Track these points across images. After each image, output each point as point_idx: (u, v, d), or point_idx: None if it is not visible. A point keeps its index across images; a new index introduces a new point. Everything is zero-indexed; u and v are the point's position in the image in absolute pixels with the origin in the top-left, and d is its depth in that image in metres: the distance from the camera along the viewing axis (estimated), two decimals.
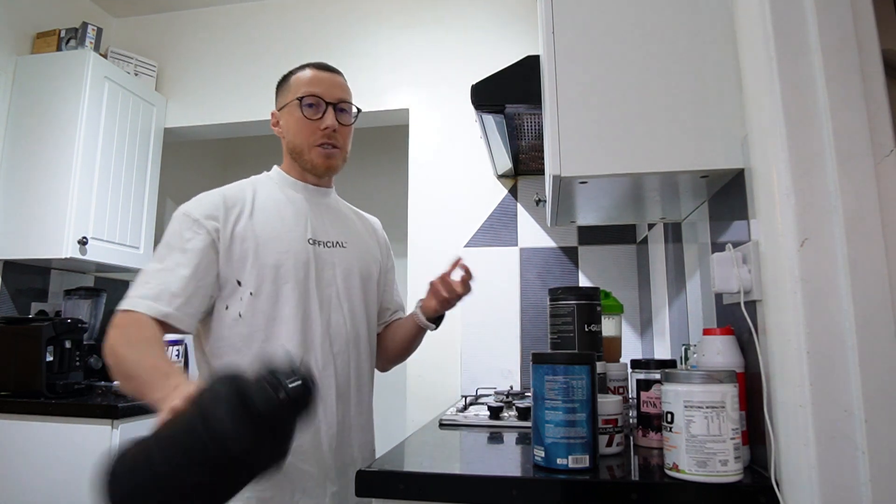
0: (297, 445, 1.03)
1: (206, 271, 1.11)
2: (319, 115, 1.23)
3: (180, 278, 1.08)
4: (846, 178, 0.77)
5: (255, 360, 1.08)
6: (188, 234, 1.12)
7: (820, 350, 0.76)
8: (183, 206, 1.17)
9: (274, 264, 1.15)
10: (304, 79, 1.26)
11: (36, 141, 2.30)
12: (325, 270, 1.22)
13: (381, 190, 3.46)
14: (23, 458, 1.90)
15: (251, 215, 1.18)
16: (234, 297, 1.14)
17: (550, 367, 0.94)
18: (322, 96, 1.23)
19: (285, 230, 1.19)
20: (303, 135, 1.24)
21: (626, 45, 1.06)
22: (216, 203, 1.16)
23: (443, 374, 2.27)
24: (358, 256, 1.29)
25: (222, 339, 1.14)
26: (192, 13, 2.84)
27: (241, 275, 1.14)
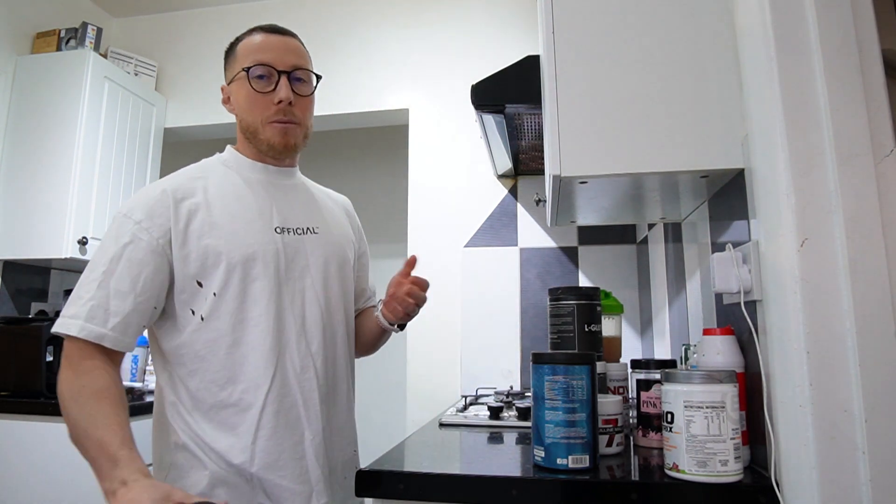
0: (274, 460, 1.01)
1: (147, 283, 0.98)
2: (272, 87, 1.07)
3: (116, 293, 0.96)
4: (846, 178, 0.77)
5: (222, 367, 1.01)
6: (126, 238, 0.99)
7: (820, 350, 0.76)
8: (122, 205, 1.04)
9: (239, 260, 1.02)
10: (252, 45, 1.10)
11: (36, 141, 2.30)
12: (297, 261, 1.09)
13: (381, 190, 3.46)
14: (23, 458, 1.90)
15: (207, 207, 1.04)
16: (197, 300, 1.02)
17: (550, 367, 0.94)
18: (273, 64, 1.08)
19: (248, 220, 1.06)
20: (255, 111, 1.08)
21: (626, 45, 1.06)
22: (162, 199, 1.02)
23: (443, 374, 2.27)
24: (332, 241, 1.16)
25: (184, 345, 1.02)
26: (192, 13, 2.84)
27: (202, 275, 1.01)
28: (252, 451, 1.00)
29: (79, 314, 0.94)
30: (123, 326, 0.96)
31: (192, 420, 1.01)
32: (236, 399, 1.01)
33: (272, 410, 1.02)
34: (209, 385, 1.01)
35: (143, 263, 0.98)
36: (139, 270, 0.98)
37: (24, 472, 1.89)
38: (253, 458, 0.99)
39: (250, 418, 1.01)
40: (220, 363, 1.01)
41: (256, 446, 1.00)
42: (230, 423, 1.00)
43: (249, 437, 1.00)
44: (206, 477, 0.98)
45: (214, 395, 1.01)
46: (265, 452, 1.00)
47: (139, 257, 0.98)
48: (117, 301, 0.96)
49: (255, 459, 0.99)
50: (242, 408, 1.01)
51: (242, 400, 1.01)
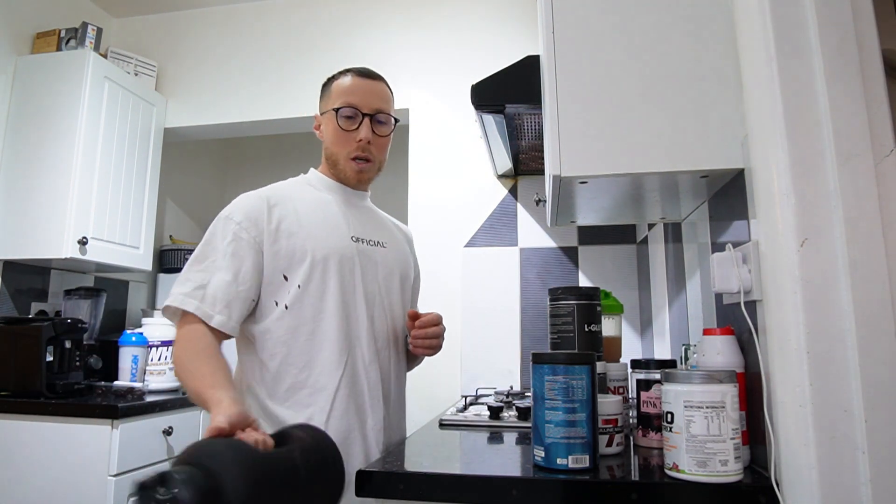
0: (345, 438, 1.12)
1: (246, 276, 1.12)
2: (355, 127, 1.23)
3: (221, 282, 1.10)
4: (846, 178, 0.77)
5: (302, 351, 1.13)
6: (230, 237, 1.13)
7: (820, 350, 0.76)
8: (225, 209, 1.19)
9: (321, 258, 1.16)
10: (344, 87, 1.26)
11: (36, 141, 2.30)
12: (369, 267, 1.23)
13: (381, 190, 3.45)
14: (23, 458, 1.90)
15: (296, 212, 1.19)
16: (281, 292, 1.15)
17: (550, 367, 0.94)
18: (359, 107, 1.24)
19: (330, 226, 1.21)
20: (338, 145, 1.25)
21: (626, 45, 1.06)
22: (258, 204, 1.18)
23: (443, 374, 2.27)
24: (396, 258, 1.32)
25: (269, 331, 1.15)
26: (192, 13, 2.84)
27: (288, 269, 1.15)
28: (326, 427, 1.10)
29: (193, 295, 1.10)
30: (228, 311, 1.10)
31: (268, 401, 1.14)
32: (313, 381, 1.14)
33: (345, 393, 1.15)
34: (289, 367, 1.14)
35: (243, 258, 1.13)
36: (240, 264, 1.13)
37: (25, 472, 1.89)
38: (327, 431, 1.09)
39: (325, 398, 1.13)
40: (300, 348, 1.14)
41: (330, 424, 1.12)
42: (305, 402, 1.13)
43: (324, 415, 1.12)
44: None
45: (294, 376, 1.14)
46: (337, 430, 1.11)
47: (240, 253, 1.13)
48: (222, 289, 1.10)
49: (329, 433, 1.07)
50: (318, 388, 1.13)
51: (318, 381, 1.14)
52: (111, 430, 1.85)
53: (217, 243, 1.14)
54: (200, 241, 1.17)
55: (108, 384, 2.33)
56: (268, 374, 1.15)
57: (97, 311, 2.46)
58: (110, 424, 1.86)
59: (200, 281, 1.11)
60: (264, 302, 1.16)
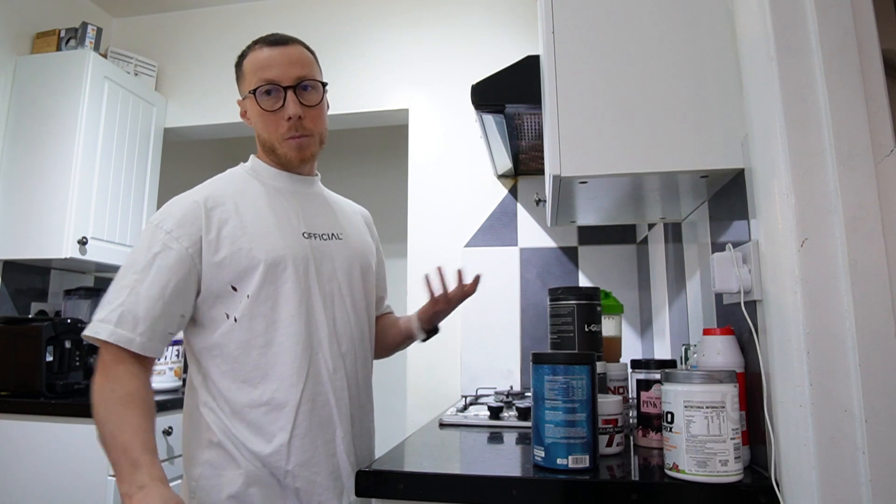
0: (309, 458, 1.05)
1: (176, 291, 1.01)
2: (280, 104, 1.10)
3: (146, 299, 0.99)
4: (846, 178, 0.77)
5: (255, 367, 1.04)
6: (157, 247, 1.02)
7: (820, 350, 0.76)
8: (155, 215, 1.07)
9: (271, 263, 1.05)
10: (257, 62, 1.12)
11: (36, 141, 2.30)
12: (325, 265, 1.13)
13: (381, 190, 3.46)
14: (23, 458, 1.90)
15: (238, 213, 1.07)
16: (232, 304, 1.05)
17: (550, 367, 0.94)
18: (278, 81, 1.10)
19: (278, 225, 1.09)
20: (268, 128, 1.12)
21: (626, 45, 1.06)
22: (194, 210, 1.05)
23: (443, 374, 2.27)
24: (355, 248, 1.21)
25: (218, 346, 1.05)
26: (192, 13, 2.84)
27: (237, 279, 1.04)
28: (288, 449, 1.03)
29: (109, 319, 0.98)
30: (151, 332, 0.99)
31: (226, 419, 1.04)
32: (268, 398, 1.04)
33: (307, 409, 1.06)
34: (241, 385, 1.04)
35: (172, 271, 1.01)
36: (168, 278, 1.01)
37: (25, 472, 1.89)
38: (289, 456, 1.03)
39: (285, 416, 1.04)
40: (252, 363, 1.04)
41: (292, 444, 1.04)
42: (262, 421, 1.04)
43: (286, 434, 1.03)
44: (241, 476, 1.02)
45: (247, 393, 1.04)
46: (301, 450, 1.04)
47: (169, 265, 1.01)
48: (146, 306, 0.99)
49: (291, 457, 1.03)
50: (275, 406, 1.04)
51: (274, 399, 1.04)
52: None
53: (140, 256, 1.02)
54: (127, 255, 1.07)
55: None
56: (220, 392, 1.05)
57: None
58: None
59: (119, 300, 0.99)
60: (213, 315, 1.06)
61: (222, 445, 1.03)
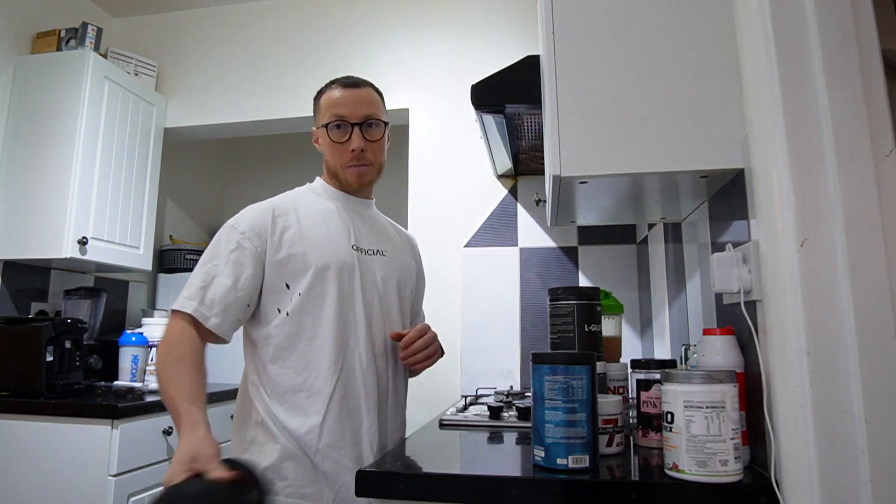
0: (338, 440, 1.17)
1: (245, 283, 1.17)
2: (346, 138, 1.28)
3: (221, 287, 1.16)
4: (846, 178, 0.77)
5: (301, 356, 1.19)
6: (232, 245, 1.19)
7: (820, 350, 0.76)
8: (232, 218, 1.25)
9: (322, 267, 1.21)
10: (331, 100, 1.30)
11: (36, 141, 2.30)
12: (368, 275, 1.27)
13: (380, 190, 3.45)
14: (23, 458, 1.89)
15: (299, 222, 1.24)
16: (283, 300, 1.20)
17: (550, 367, 0.94)
18: (347, 118, 1.27)
19: (331, 236, 1.25)
20: (334, 157, 1.30)
21: (626, 45, 1.06)
22: (263, 215, 1.23)
23: (443, 374, 2.27)
24: (396, 266, 1.35)
25: (271, 336, 1.20)
26: (192, 13, 2.84)
27: (290, 279, 1.20)
28: (320, 429, 1.16)
29: (193, 297, 1.15)
30: (223, 315, 1.15)
31: (270, 402, 1.18)
32: (310, 384, 1.18)
33: (339, 397, 1.19)
34: (288, 371, 1.19)
35: (244, 266, 1.18)
36: (240, 271, 1.18)
37: (25, 472, 1.89)
38: (320, 436, 1.16)
39: (321, 401, 1.17)
40: (299, 353, 1.19)
41: (324, 426, 1.16)
42: (302, 404, 1.17)
43: (319, 417, 1.17)
44: (278, 450, 1.15)
45: (292, 378, 1.18)
46: (331, 432, 1.17)
47: (242, 261, 1.18)
48: (221, 293, 1.16)
49: (323, 437, 1.16)
50: (314, 392, 1.18)
51: (314, 385, 1.18)
52: (111, 430, 1.85)
53: (220, 250, 1.20)
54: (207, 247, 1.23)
55: (108, 384, 2.33)
56: (269, 376, 1.20)
57: (97, 311, 2.46)
58: (110, 424, 1.86)
59: (201, 283, 1.16)
60: (267, 309, 1.21)
61: (265, 424, 1.17)
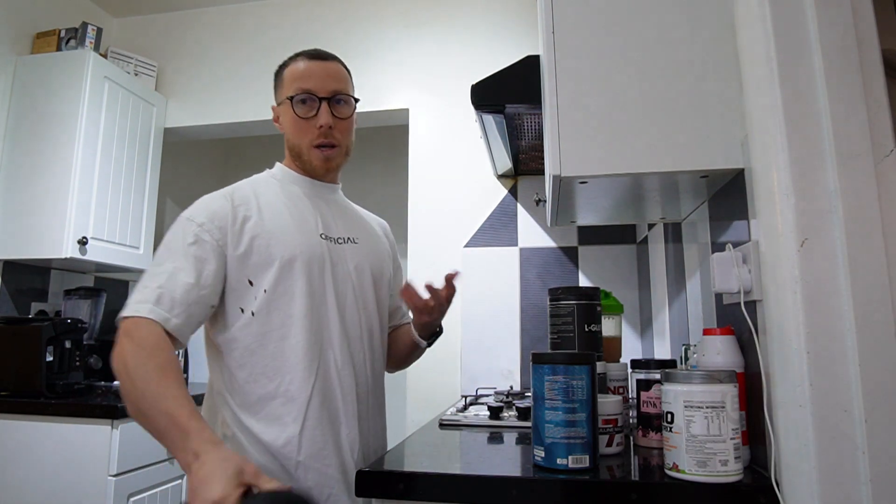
0: (320, 449, 1.08)
1: (208, 280, 1.05)
2: (313, 113, 1.17)
3: (182, 285, 1.02)
4: (846, 178, 0.77)
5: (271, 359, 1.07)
6: (191, 238, 1.06)
7: (820, 350, 0.76)
8: (186, 210, 1.12)
9: (288, 260, 1.10)
10: (296, 73, 1.20)
11: (36, 141, 2.30)
12: (340, 266, 1.18)
13: (381, 190, 3.46)
14: (23, 458, 1.90)
15: (259, 212, 1.13)
16: (247, 298, 1.09)
17: (550, 367, 0.94)
18: (314, 91, 1.17)
19: (296, 225, 1.15)
20: (299, 135, 1.19)
21: (626, 45, 1.06)
22: (222, 204, 1.12)
23: (443, 374, 2.27)
24: (369, 253, 1.25)
25: (236, 340, 1.09)
26: (192, 13, 2.84)
27: (254, 274, 1.09)
28: (300, 439, 1.06)
29: (147, 299, 1.00)
30: (186, 316, 1.02)
31: (240, 412, 1.08)
32: (284, 389, 1.07)
33: (317, 402, 1.09)
34: (258, 377, 1.08)
35: (206, 261, 1.06)
36: (202, 267, 1.05)
37: (25, 472, 1.89)
38: (300, 447, 1.06)
39: (297, 409, 1.07)
40: (269, 355, 1.08)
41: (303, 435, 1.07)
42: (277, 413, 1.07)
43: (297, 426, 1.06)
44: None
45: (263, 385, 1.08)
46: (311, 441, 1.07)
47: (203, 255, 1.06)
48: (182, 292, 1.02)
49: (302, 448, 1.06)
50: (289, 398, 1.07)
51: (288, 391, 1.08)
52: (111, 430, 1.85)
53: (177, 245, 1.06)
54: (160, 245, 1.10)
55: (108, 384, 2.33)
56: (237, 384, 1.08)
57: (97, 311, 2.46)
58: (110, 424, 1.86)
59: (157, 283, 1.02)
60: (229, 309, 1.10)
61: (235, 438, 1.07)
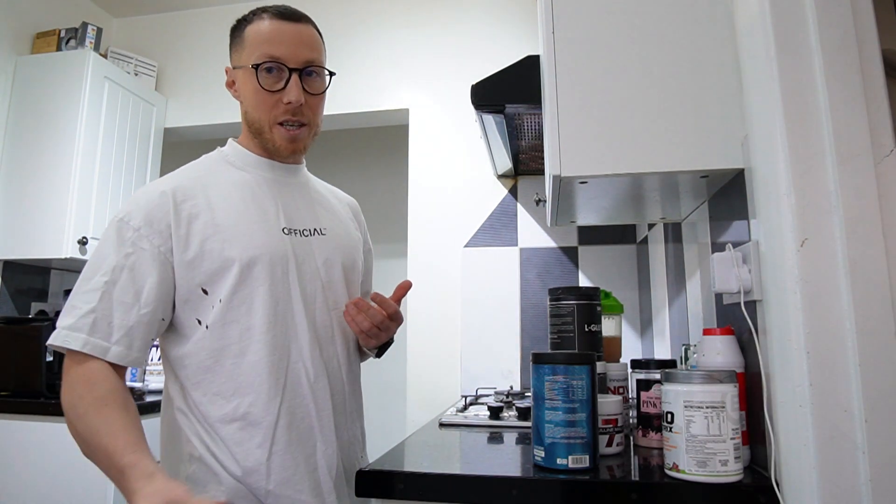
0: (290, 475, 0.95)
1: (152, 294, 0.92)
2: (281, 86, 1.00)
3: (120, 305, 0.89)
4: (846, 178, 0.77)
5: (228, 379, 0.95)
6: (128, 247, 0.92)
7: (820, 350, 0.76)
8: (119, 209, 0.96)
9: (247, 263, 0.95)
10: (263, 34, 1.01)
11: (36, 141, 2.30)
12: (307, 263, 1.03)
13: (381, 190, 3.46)
14: (23, 458, 1.90)
15: (210, 208, 0.97)
16: (201, 309, 0.95)
17: (550, 367, 0.94)
18: (284, 60, 1.00)
19: (255, 220, 0.99)
20: (262, 108, 1.02)
21: (626, 45, 1.05)
22: (161, 203, 0.95)
23: (443, 374, 2.27)
24: (339, 244, 1.10)
25: (189, 355, 0.95)
26: (192, 13, 2.84)
27: (207, 282, 0.95)
28: (268, 467, 0.94)
29: (80, 327, 0.88)
30: (128, 340, 0.90)
31: (202, 434, 0.95)
32: (243, 412, 0.95)
33: (285, 423, 0.96)
34: (214, 397, 0.95)
35: (146, 273, 0.92)
36: (143, 281, 0.92)
37: (24, 472, 1.89)
38: (269, 475, 0.94)
39: (262, 433, 0.95)
40: (226, 374, 0.95)
41: (272, 462, 0.94)
42: (237, 438, 0.94)
43: (264, 452, 0.94)
44: (223, 493, 0.92)
45: (221, 407, 0.95)
46: (281, 468, 0.95)
47: (142, 267, 0.92)
48: (120, 313, 0.90)
49: (272, 476, 0.94)
50: (251, 422, 0.95)
51: (250, 413, 0.95)
52: None
53: (109, 255, 0.92)
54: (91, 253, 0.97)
55: None
56: (194, 403, 0.96)
57: None
58: None
59: (90, 306, 0.89)
60: (184, 321, 0.96)
61: (203, 460, 0.94)
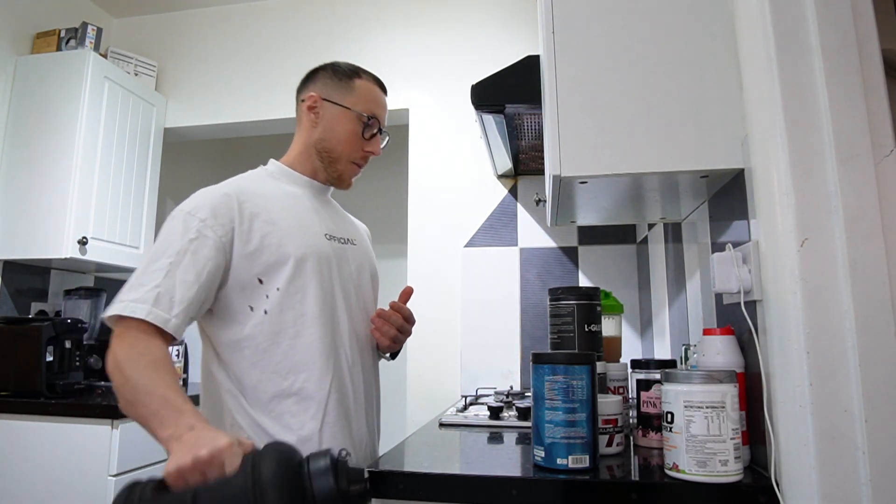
0: (339, 445, 1.07)
1: (209, 277, 1.03)
2: (371, 139, 1.25)
3: (181, 283, 0.99)
4: (846, 178, 0.77)
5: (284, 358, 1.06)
6: (193, 234, 1.03)
7: (820, 350, 0.76)
8: (184, 204, 1.09)
9: (301, 258, 1.10)
10: (370, 95, 1.25)
11: (36, 141, 2.30)
12: (344, 266, 1.20)
13: (381, 190, 3.46)
14: (23, 458, 1.89)
15: (267, 209, 1.11)
16: (256, 296, 1.07)
17: (550, 367, 0.94)
18: (381, 122, 1.26)
19: (304, 225, 1.15)
20: (350, 147, 1.22)
21: (626, 45, 1.06)
22: (225, 201, 1.08)
23: (443, 374, 2.27)
24: (365, 254, 1.30)
25: (245, 339, 1.06)
26: (192, 13, 2.84)
27: (265, 272, 1.08)
28: (319, 436, 1.06)
29: (145, 299, 0.97)
30: (184, 315, 1.00)
31: (254, 412, 1.06)
32: (298, 388, 1.07)
33: (335, 399, 1.10)
34: (271, 375, 1.06)
35: (207, 258, 1.03)
36: (204, 264, 1.02)
37: (25, 472, 1.89)
38: (321, 444, 1.06)
39: (315, 407, 1.07)
40: (282, 354, 1.07)
41: (323, 432, 1.07)
42: (292, 411, 1.06)
43: (316, 423, 1.06)
44: None
45: (276, 384, 1.06)
46: (331, 438, 1.08)
47: (204, 252, 1.03)
48: (182, 290, 0.99)
49: (323, 445, 1.06)
50: (305, 397, 1.07)
51: (304, 389, 1.07)
52: (111, 430, 1.85)
53: (175, 241, 1.03)
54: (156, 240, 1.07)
55: (109, 384, 2.32)
56: (251, 383, 1.06)
57: (97, 311, 2.46)
58: (110, 424, 1.86)
59: (155, 282, 0.99)
60: (236, 307, 1.07)
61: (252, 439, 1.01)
